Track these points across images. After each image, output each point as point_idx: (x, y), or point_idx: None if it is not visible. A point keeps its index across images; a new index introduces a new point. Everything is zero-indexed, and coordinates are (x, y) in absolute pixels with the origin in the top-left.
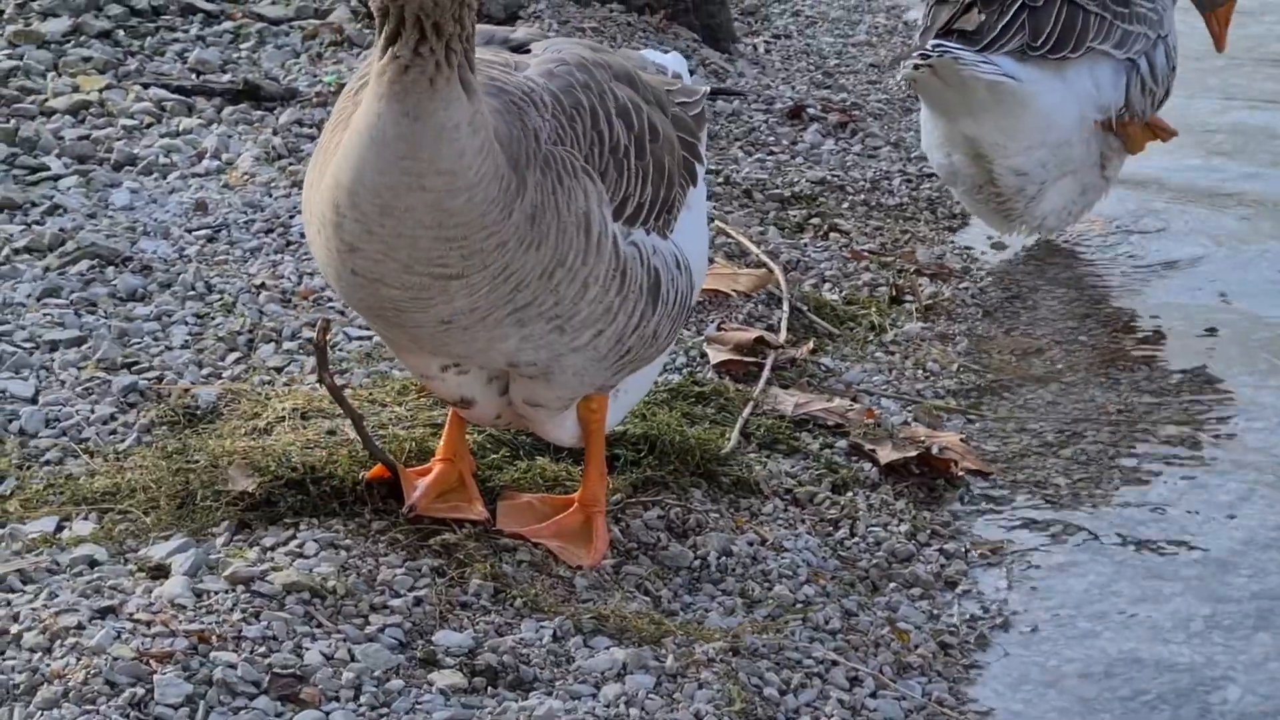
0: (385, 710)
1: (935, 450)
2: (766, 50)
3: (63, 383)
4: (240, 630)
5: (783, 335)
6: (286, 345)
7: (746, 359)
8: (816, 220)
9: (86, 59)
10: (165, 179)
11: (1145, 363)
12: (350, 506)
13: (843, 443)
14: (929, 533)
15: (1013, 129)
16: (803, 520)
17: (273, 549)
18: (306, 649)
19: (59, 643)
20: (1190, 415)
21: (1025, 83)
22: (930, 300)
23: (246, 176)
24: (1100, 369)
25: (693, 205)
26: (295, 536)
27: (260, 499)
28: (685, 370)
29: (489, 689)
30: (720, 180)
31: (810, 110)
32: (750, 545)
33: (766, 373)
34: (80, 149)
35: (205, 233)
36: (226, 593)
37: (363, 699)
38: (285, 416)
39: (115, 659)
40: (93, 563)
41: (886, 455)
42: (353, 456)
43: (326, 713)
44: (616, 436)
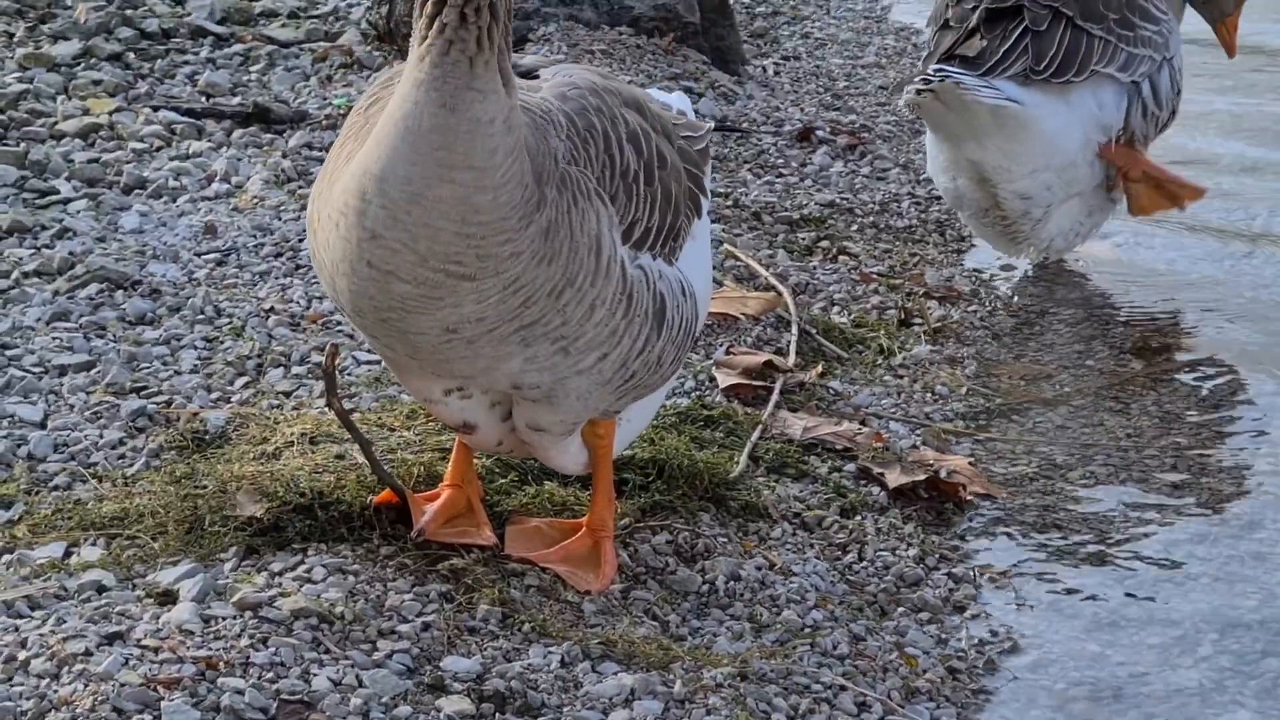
0: None
1: (944, 474)
2: (776, 72)
3: (71, 407)
4: (248, 656)
5: (791, 359)
6: (295, 369)
7: (755, 383)
8: (825, 243)
9: (97, 82)
10: (175, 202)
11: (1154, 386)
12: (358, 531)
13: (851, 466)
14: (937, 556)
15: (1016, 153)
16: (811, 544)
17: (281, 574)
18: (314, 675)
19: (67, 669)
20: (1199, 439)
21: (1028, 106)
22: (939, 323)
23: (256, 200)
24: (1109, 392)
25: (698, 236)
26: (303, 562)
27: (268, 524)
28: (694, 394)
29: (497, 715)
30: (729, 203)
31: (819, 132)
32: (758, 570)
33: (775, 396)
34: (90, 172)
35: (214, 256)
36: (234, 618)
37: None
38: (294, 441)
39: (123, 685)
40: (101, 588)
41: (895, 479)
42: (361, 481)
43: None
44: (625, 460)
